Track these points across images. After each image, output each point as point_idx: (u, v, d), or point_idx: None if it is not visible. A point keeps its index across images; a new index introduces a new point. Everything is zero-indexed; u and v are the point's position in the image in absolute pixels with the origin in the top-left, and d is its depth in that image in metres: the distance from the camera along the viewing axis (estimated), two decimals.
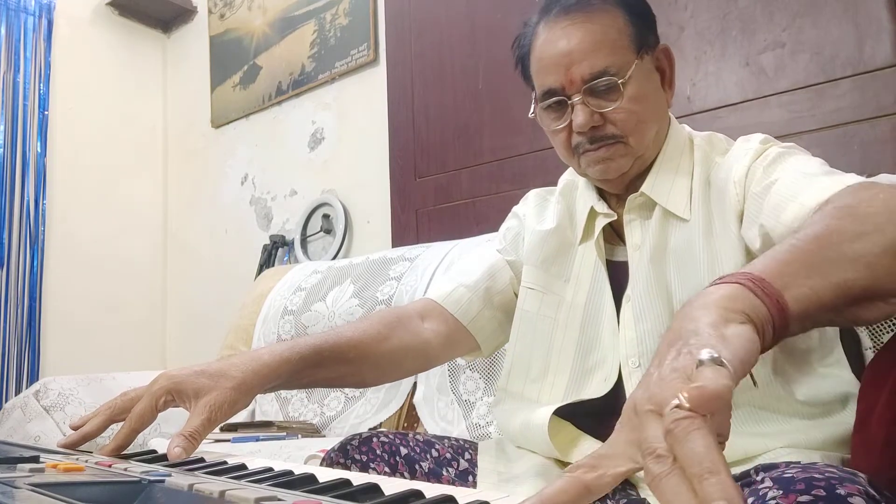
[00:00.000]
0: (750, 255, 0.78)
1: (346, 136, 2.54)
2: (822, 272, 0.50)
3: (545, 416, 0.81)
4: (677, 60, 0.90)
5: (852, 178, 0.68)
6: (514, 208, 1.06)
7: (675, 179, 0.85)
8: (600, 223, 0.89)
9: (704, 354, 0.38)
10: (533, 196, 1.04)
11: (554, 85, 0.83)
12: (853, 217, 0.55)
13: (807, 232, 0.55)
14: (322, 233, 2.52)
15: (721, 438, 0.36)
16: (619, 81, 0.80)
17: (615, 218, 0.89)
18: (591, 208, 0.90)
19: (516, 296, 0.98)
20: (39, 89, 2.85)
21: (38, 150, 2.82)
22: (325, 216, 2.52)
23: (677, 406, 0.36)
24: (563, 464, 0.82)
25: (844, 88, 1.48)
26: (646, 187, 0.85)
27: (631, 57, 0.81)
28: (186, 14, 3.20)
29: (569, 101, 0.82)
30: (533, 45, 0.86)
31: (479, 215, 2.07)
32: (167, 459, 0.62)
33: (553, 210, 0.98)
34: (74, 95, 2.97)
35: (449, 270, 1.04)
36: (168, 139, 3.28)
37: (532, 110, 0.88)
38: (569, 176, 0.99)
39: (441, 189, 2.19)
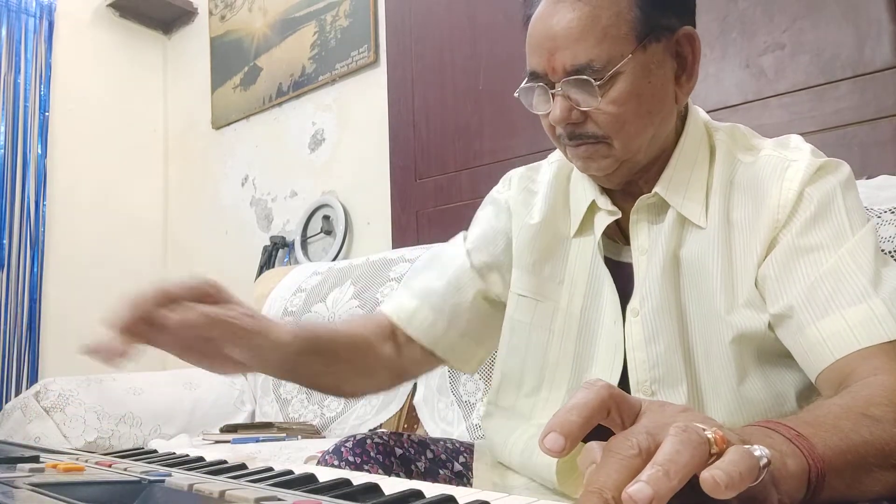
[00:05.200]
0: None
1: (346, 137, 2.54)
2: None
3: (551, 461, 0.73)
4: None
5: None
6: (494, 193, 0.94)
7: (692, 180, 0.76)
8: (602, 220, 0.80)
9: (761, 451, 0.36)
10: (516, 179, 0.92)
11: (538, 69, 0.74)
12: None
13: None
14: (322, 234, 2.52)
15: None
16: (597, 83, 0.70)
17: (620, 216, 0.80)
18: (593, 201, 0.81)
19: (488, 302, 0.89)
20: (40, 91, 2.85)
21: (39, 151, 2.83)
22: (326, 217, 2.52)
23: (703, 431, 0.36)
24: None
25: (844, 90, 1.48)
26: (660, 188, 0.76)
27: (626, 47, 0.70)
28: (187, 15, 3.20)
29: (550, 91, 0.74)
30: (534, 13, 0.75)
31: None
32: (167, 459, 0.62)
33: (542, 196, 0.87)
34: (75, 97, 2.97)
35: (410, 280, 0.96)
36: (168, 140, 3.28)
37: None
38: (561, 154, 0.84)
39: (441, 190, 2.18)
